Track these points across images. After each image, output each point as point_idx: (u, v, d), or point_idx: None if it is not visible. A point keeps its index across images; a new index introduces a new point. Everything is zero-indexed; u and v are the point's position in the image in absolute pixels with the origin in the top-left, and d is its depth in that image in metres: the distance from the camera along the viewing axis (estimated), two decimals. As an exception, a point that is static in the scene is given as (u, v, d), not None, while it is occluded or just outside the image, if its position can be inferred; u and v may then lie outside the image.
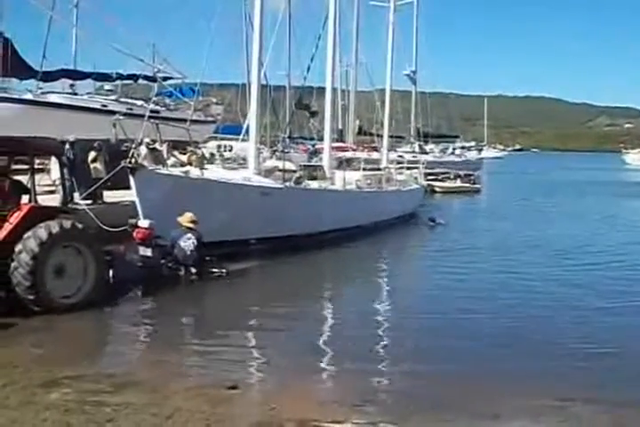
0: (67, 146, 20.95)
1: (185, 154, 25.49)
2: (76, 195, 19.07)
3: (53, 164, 19.72)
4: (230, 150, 34.81)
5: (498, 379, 10.84)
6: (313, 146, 39.55)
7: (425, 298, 17.33)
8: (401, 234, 30.16)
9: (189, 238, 17.73)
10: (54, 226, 13.88)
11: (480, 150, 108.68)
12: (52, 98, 35.70)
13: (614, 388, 10.43)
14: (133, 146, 18.85)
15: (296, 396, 9.82)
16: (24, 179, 15.47)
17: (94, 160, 22.91)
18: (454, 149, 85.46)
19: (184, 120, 27.91)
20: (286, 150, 31.17)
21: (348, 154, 35.90)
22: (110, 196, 22.62)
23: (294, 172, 26.14)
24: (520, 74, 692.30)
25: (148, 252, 17.36)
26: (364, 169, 32.32)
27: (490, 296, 16.76)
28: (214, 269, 18.18)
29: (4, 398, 9.16)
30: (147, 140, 21.03)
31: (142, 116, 21.68)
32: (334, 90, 33.94)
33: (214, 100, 46.10)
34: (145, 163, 19.40)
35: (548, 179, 76.69)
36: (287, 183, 23.81)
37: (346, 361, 11.73)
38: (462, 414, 9.20)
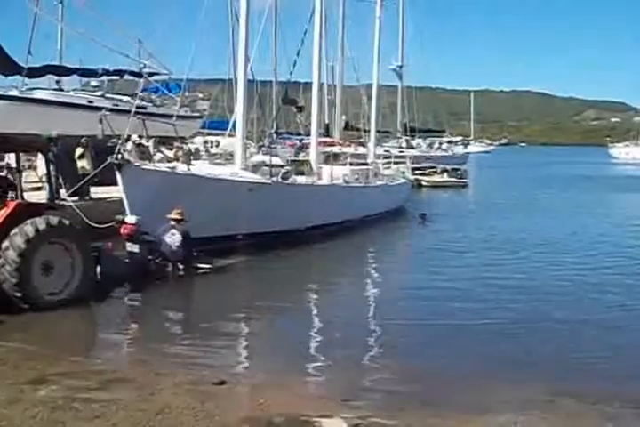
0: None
1: (172, 150, 25.44)
2: (63, 191, 19.03)
3: (40, 160, 19.68)
4: (217, 146, 34.77)
5: (488, 374, 10.89)
6: (300, 141, 39.49)
7: (414, 294, 17.24)
8: (389, 229, 30.14)
9: (174, 234, 17.71)
10: (41, 222, 13.82)
11: (466, 145, 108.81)
12: (38, 94, 35.60)
13: (604, 382, 10.50)
14: (120, 142, 18.80)
15: (285, 391, 9.82)
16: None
17: (81, 156, 22.88)
18: (441, 143, 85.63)
19: (170, 116, 27.85)
20: (273, 145, 31.12)
21: (335, 149, 35.86)
22: (97, 192, 22.59)
23: (281, 167, 26.13)
24: (507, 68, 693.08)
25: (135, 248, 17.31)
26: (352, 164, 32.37)
27: (478, 294, 16.64)
28: (201, 265, 18.17)
29: (-8, 395, 9.14)
30: (133, 135, 20.97)
31: (128, 111, 21.63)
32: (321, 85, 33.82)
33: (201, 95, 46.04)
34: (131, 159, 19.35)
35: (535, 173, 76.72)
36: (274, 178, 23.80)
37: (334, 356, 11.77)
38: (452, 409, 9.23)
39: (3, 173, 15.61)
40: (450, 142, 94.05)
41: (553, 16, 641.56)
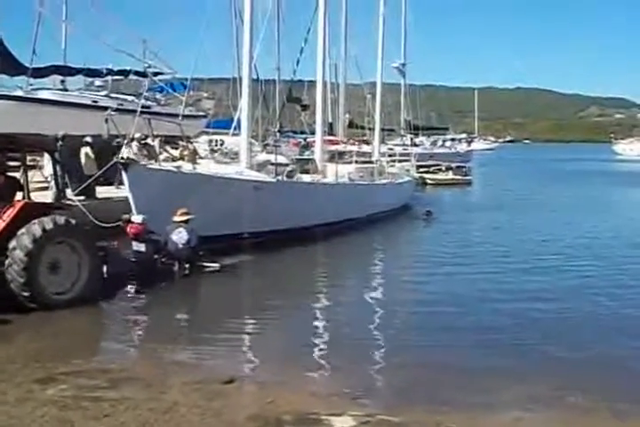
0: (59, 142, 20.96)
1: (177, 149, 25.47)
2: (69, 191, 19.07)
3: (46, 160, 19.71)
4: (222, 145, 34.81)
5: (494, 370, 10.90)
6: (304, 139, 39.49)
7: (419, 293, 17.13)
8: (394, 227, 30.08)
9: (180, 233, 17.72)
10: (48, 222, 13.85)
11: (470, 142, 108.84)
12: (43, 94, 35.69)
13: (611, 378, 10.50)
14: (125, 141, 18.84)
15: (293, 389, 9.85)
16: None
17: (86, 156, 22.93)
18: (444, 141, 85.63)
19: (176, 115, 27.92)
20: (277, 144, 31.11)
21: (340, 147, 35.86)
22: (103, 191, 22.63)
23: (286, 165, 26.15)
24: (511, 66, 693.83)
25: (142, 247, 17.33)
26: (356, 162, 32.39)
27: (485, 295, 16.54)
28: (207, 264, 18.19)
29: (2, 394, 9.17)
30: (138, 135, 21.00)
31: (134, 111, 21.67)
32: (324, 83, 33.82)
33: (205, 94, 46.04)
34: (137, 158, 19.39)
35: (539, 170, 76.59)
36: (279, 177, 23.82)
37: (342, 354, 11.77)
38: (459, 406, 9.26)
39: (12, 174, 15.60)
40: (453, 140, 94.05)
41: (556, 12, 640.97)
